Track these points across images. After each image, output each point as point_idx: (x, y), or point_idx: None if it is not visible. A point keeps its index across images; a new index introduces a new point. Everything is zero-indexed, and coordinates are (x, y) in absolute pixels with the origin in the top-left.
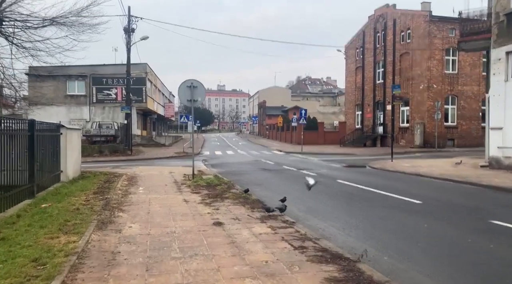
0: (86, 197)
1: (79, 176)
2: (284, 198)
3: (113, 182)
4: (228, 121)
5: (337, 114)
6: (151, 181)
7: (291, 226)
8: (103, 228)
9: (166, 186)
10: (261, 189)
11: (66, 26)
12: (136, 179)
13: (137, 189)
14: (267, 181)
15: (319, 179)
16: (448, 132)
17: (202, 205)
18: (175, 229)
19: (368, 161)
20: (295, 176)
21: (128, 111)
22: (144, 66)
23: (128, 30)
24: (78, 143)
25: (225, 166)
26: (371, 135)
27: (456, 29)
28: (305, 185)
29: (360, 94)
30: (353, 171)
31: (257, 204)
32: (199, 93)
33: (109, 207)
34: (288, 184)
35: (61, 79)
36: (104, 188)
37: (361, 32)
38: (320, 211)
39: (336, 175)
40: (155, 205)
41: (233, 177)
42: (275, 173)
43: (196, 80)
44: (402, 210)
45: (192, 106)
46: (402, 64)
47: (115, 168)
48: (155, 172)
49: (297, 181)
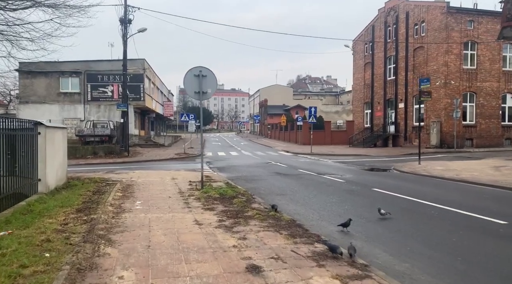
0: (66, 217)
1: (64, 185)
2: (348, 222)
3: (104, 193)
4: (227, 121)
5: (340, 113)
6: (151, 191)
7: (367, 274)
8: (78, 281)
9: (169, 199)
10: (286, 201)
11: (50, 8)
12: (132, 188)
13: (133, 203)
14: (290, 190)
15: (350, 187)
16: (466, 132)
17: (222, 230)
18: (191, 281)
19: (388, 163)
20: (319, 183)
21: (125, 109)
22: (142, 61)
23: (125, 21)
24: (63, 145)
25: (233, 170)
26: (382, 135)
27: (475, 22)
28: (343, 196)
29: (369, 91)
30: (381, 176)
31: (296, 228)
32: (209, 83)
33: (93, 236)
34: (316, 194)
35: (53, 75)
36: (92, 203)
37: (370, 26)
38: (386, 240)
39: (366, 181)
40: (157, 232)
41: (247, 185)
42: (293, 178)
43: (206, 68)
44: (492, 234)
45: (201, 100)
46: (416, 59)
47: (109, 173)
48: (155, 179)
49: (326, 189)
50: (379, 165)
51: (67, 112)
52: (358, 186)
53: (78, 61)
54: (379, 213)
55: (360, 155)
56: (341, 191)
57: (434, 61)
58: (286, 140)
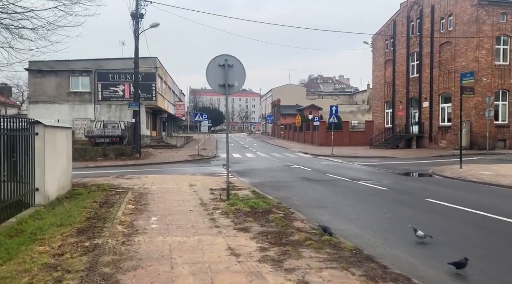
0: (63, 242)
1: (68, 193)
2: (464, 262)
3: (112, 204)
4: (238, 122)
5: (354, 113)
6: (168, 203)
7: None
8: None
9: (191, 213)
10: (331, 216)
11: None
12: (146, 198)
13: (148, 219)
14: (329, 201)
15: (398, 197)
16: (498, 132)
17: (269, 267)
18: None
19: (422, 167)
20: (359, 192)
21: (136, 108)
22: (154, 60)
23: (136, 16)
24: (67, 147)
25: (254, 174)
26: (405, 135)
27: (508, 14)
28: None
29: (390, 90)
30: (423, 182)
31: (368, 263)
32: (236, 74)
33: (95, 276)
34: (363, 206)
35: (63, 74)
36: (98, 219)
37: (391, 22)
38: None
39: (411, 189)
40: (182, 268)
41: (277, 193)
42: (325, 185)
43: (232, 56)
44: None
45: (226, 95)
46: (442, 55)
47: (119, 178)
48: (171, 185)
49: (371, 200)
50: (413, 169)
51: (77, 112)
52: (406, 195)
53: (89, 60)
54: (416, 236)
55: (386, 157)
56: (390, 203)
57: (462, 57)
58: (301, 141)
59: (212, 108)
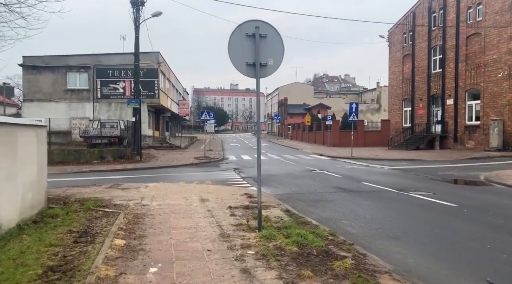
0: None
1: (38, 215)
2: None
3: (94, 237)
4: (242, 121)
5: (364, 112)
6: (174, 234)
7: None
8: None
9: (210, 258)
10: (418, 258)
11: None
12: (143, 224)
13: (143, 275)
14: (394, 226)
15: (477, 216)
16: None
17: None
18: None
19: (462, 171)
20: (425, 210)
21: (137, 105)
22: (157, 55)
23: (136, 2)
24: (38, 152)
25: (274, 181)
26: (427, 136)
27: None
28: None
29: (409, 86)
30: (489, 193)
31: None
32: (271, 49)
33: None
34: (449, 236)
35: (60, 70)
36: (62, 273)
37: (410, 14)
38: None
39: (488, 205)
40: None
41: (316, 212)
42: (370, 199)
43: (265, 22)
44: None
45: (257, 79)
46: (470, 48)
47: (114, 187)
48: (177, 200)
49: (454, 225)
50: (458, 175)
51: (75, 111)
52: (491, 216)
53: (87, 55)
54: None
55: (413, 159)
56: (481, 228)
57: (494, 49)
58: (311, 141)
59: (216, 108)
